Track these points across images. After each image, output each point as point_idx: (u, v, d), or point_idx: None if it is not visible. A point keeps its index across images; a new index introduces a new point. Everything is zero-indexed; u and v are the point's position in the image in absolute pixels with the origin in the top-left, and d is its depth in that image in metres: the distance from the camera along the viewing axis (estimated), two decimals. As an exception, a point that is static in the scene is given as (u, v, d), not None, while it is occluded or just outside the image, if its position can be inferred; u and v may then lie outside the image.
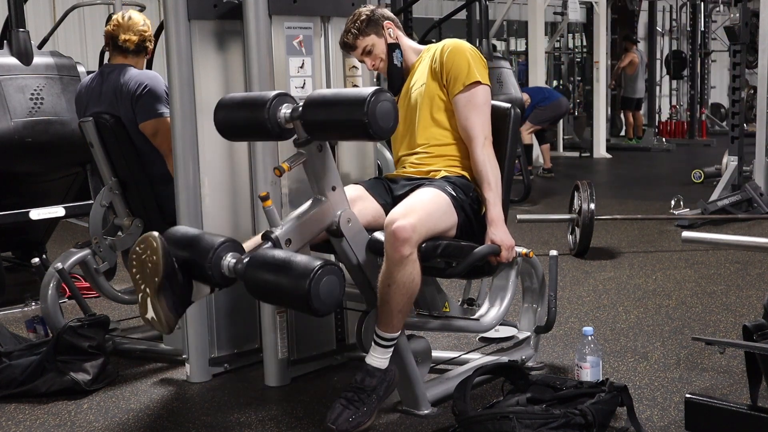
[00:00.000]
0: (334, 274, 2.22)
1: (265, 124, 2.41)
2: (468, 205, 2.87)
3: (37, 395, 3.08)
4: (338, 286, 2.24)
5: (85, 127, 3.57)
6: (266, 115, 2.40)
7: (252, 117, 2.45)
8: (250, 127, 2.51)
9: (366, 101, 2.29)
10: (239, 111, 2.53)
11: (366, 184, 2.98)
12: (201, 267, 2.36)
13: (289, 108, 2.43)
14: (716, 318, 3.93)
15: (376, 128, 2.31)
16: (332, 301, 2.24)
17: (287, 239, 2.46)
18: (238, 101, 2.58)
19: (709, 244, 5.36)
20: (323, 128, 2.44)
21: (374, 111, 2.30)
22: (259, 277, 2.29)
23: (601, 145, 11.76)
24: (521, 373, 2.82)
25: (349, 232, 2.61)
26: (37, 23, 9.67)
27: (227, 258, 2.35)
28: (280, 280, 2.24)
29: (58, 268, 3.50)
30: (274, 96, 2.43)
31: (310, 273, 2.17)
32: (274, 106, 2.41)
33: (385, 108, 2.33)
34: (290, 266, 2.23)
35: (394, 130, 2.43)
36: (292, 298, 2.24)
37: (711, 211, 6.50)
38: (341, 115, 2.38)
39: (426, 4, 13.35)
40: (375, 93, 2.30)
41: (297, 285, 2.18)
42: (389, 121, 2.35)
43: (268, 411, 2.93)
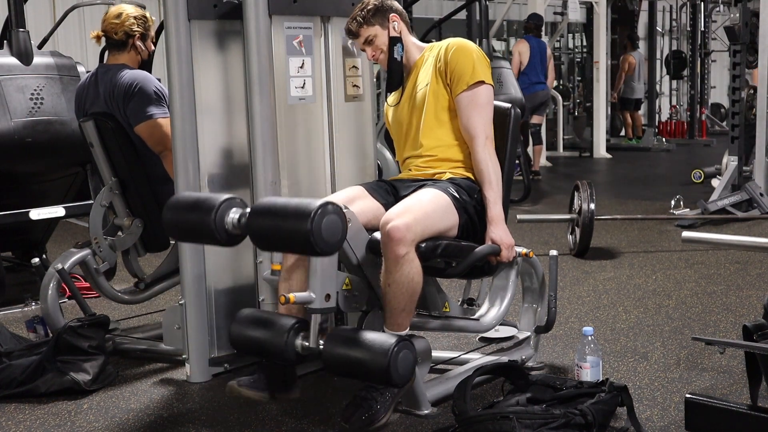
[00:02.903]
0: (407, 349, 2.39)
1: (213, 231, 2.34)
2: (472, 206, 2.87)
3: (37, 395, 3.08)
4: (412, 359, 2.42)
5: (85, 127, 3.58)
6: (213, 221, 2.32)
7: (199, 221, 2.36)
8: (197, 231, 2.42)
9: (311, 214, 2.18)
10: (187, 214, 2.45)
11: (367, 185, 2.98)
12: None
13: (237, 213, 2.35)
14: (716, 318, 3.93)
15: (321, 244, 2.21)
16: (408, 370, 2.41)
17: (326, 296, 2.52)
18: (187, 203, 2.50)
19: (709, 244, 5.37)
20: (268, 239, 2.35)
21: (319, 225, 2.19)
22: (336, 355, 2.45)
23: (601, 145, 11.76)
24: (521, 373, 2.82)
25: (349, 232, 2.61)
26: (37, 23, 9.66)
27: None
28: (359, 357, 2.40)
29: (58, 268, 3.50)
30: (222, 201, 2.34)
31: (387, 350, 2.33)
32: (221, 211, 2.33)
33: (331, 221, 2.22)
34: (365, 344, 2.39)
35: (341, 245, 2.34)
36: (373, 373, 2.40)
37: (711, 211, 6.51)
38: (286, 226, 2.27)
39: (426, 4, 13.34)
40: (321, 206, 2.20)
41: (378, 361, 2.35)
42: (336, 235, 2.25)
43: (268, 411, 2.93)
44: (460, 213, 2.82)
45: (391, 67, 3.04)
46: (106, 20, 3.62)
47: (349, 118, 3.40)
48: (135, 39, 3.58)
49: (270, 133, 3.09)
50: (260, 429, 2.79)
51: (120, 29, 3.56)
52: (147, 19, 3.64)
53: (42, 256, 4.79)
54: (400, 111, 3.05)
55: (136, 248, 3.65)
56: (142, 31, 3.60)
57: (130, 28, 3.57)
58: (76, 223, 6.36)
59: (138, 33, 3.59)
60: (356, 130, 3.43)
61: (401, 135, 3.07)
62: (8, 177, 4.36)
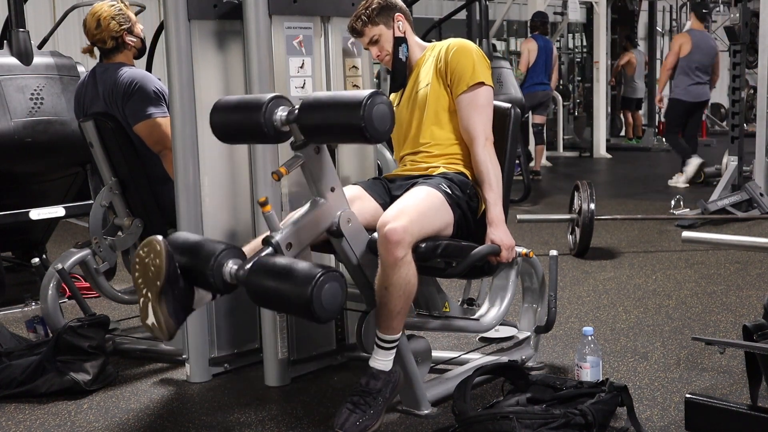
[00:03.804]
0: (336, 281, 2.21)
1: (261, 127, 2.40)
2: (465, 201, 2.87)
3: (37, 395, 3.08)
4: (340, 293, 2.23)
5: (85, 127, 3.58)
6: (262, 118, 2.38)
7: (248, 120, 2.43)
8: (246, 130, 2.49)
9: (362, 104, 2.28)
10: (235, 114, 2.51)
11: (364, 184, 2.98)
12: (203, 273, 2.35)
13: (285, 111, 2.42)
14: (716, 318, 3.93)
15: (372, 131, 2.31)
16: (334, 308, 2.23)
17: (288, 243, 2.45)
18: (234, 104, 2.56)
19: (709, 244, 5.36)
20: (319, 131, 2.43)
21: (370, 114, 2.29)
22: (261, 285, 2.29)
23: (601, 145, 11.76)
24: (521, 373, 2.82)
25: (349, 232, 2.61)
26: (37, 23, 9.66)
27: (229, 264, 2.34)
28: (282, 287, 2.23)
29: (58, 268, 3.50)
30: (270, 98, 2.41)
31: (312, 280, 2.16)
32: (270, 108, 2.40)
33: (381, 111, 2.32)
34: (292, 273, 2.22)
35: (390, 133, 2.42)
36: (295, 305, 2.24)
37: (711, 211, 6.51)
38: (337, 118, 2.37)
39: (426, 4, 13.34)
40: (371, 96, 2.30)
41: (299, 292, 2.18)
42: (385, 124, 2.35)
43: (268, 411, 2.93)
44: (454, 209, 2.82)
45: (396, 67, 3.04)
46: (89, 32, 3.55)
47: (349, 118, 3.40)
48: (124, 37, 3.56)
49: (270, 133, 3.09)
50: (260, 429, 2.79)
51: (107, 37, 3.53)
52: (123, 9, 3.57)
53: (42, 256, 4.80)
54: (400, 111, 3.04)
55: (135, 248, 3.65)
56: (126, 26, 3.56)
57: (115, 31, 3.52)
58: (76, 223, 6.36)
59: (124, 30, 3.55)
60: (356, 130, 3.43)
61: (401, 134, 3.07)
62: (8, 177, 4.36)
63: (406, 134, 3.06)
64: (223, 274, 2.34)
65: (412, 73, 3.07)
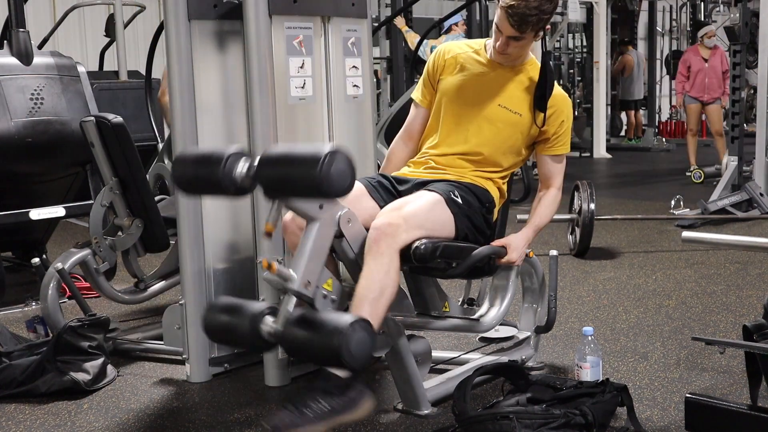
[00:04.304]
0: (364, 330, 2.23)
1: (221, 182, 2.34)
2: (479, 211, 2.83)
3: (37, 395, 3.08)
4: (369, 342, 2.25)
5: (86, 126, 3.58)
6: (222, 172, 2.33)
7: (208, 174, 2.37)
8: (206, 184, 2.43)
9: (320, 161, 2.20)
10: (196, 168, 2.46)
11: (367, 183, 2.88)
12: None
13: (245, 165, 2.35)
14: (716, 318, 3.93)
15: (330, 189, 2.24)
16: (364, 356, 2.24)
17: (305, 283, 2.40)
18: (194, 158, 2.52)
19: (709, 244, 5.37)
20: (278, 187, 2.36)
21: (329, 172, 2.21)
22: (293, 341, 2.32)
23: (601, 145, 11.77)
24: (521, 373, 2.82)
25: (349, 232, 2.60)
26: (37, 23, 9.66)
27: (266, 323, 2.33)
28: (313, 342, 2.26)
29: (58, 268, 3.50)
30: (230, 154, 2.35)
31: (339, 332, 2.19)
32: (229, 163, 2.33)
33: (340, 168, 2.24)
34: (319, 327, 2.26)
35: (350, 190, 2.32)
36: (326, 358, 2.27)
37: (711, 211, 6.51)
38: (295, 174, 2.29)
39: (426, 4, 13.34)
40: (330, 153, 2.22)
41: (328, 344, 2.21)
42: (345, 181, 2.26)
43: (268, 411, 2.93)
44: (459, 218, 2.77)
45: None
46: None
47: (349, 118, 3.40)
48: None
49: (270, 133, 3.09)
50: (260, 429, 2.79)
51: None
52: None
53: (42, 256, 4.79)
54: (463, 100, 2.94)
55: (136, 248, 3.65)
56: None
57: None
58: (76, 223, 6.36)
59: None
60: (356, 130, 3.43)
61: (441, 129, 2.96)
62: (8, 177, 4.36)
63: (448, 133, 2.95)
64: (261, 332, 2.34)
65: (498, 74, 2.93)
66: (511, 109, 2.90)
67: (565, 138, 2.98)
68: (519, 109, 2.90)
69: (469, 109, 2.92)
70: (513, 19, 2.76)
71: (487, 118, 2.90)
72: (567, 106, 2.96)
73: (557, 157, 3.00)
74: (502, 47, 2.84)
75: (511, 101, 2.90)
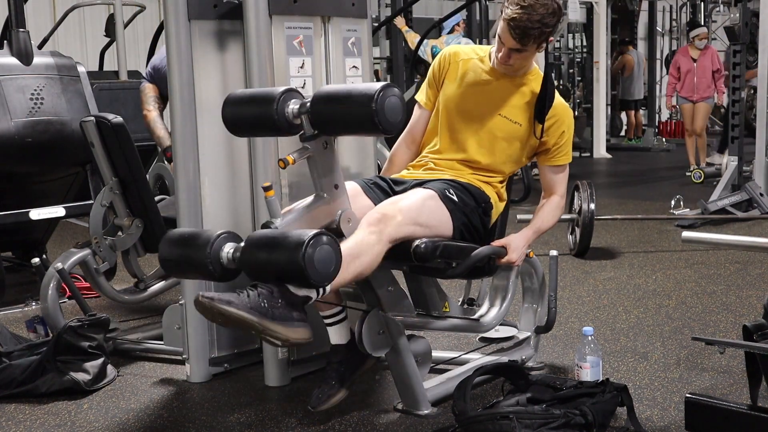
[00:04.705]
0: (328, 245, 2.21)
1: (273, 119, 2.41)
2: (477, 212, 2.84)
3: (37, 395, 3.08)
4: (333, 255, 2.22)
5: (86, 126, 3.58)
6: (275, 110, 2.40)
7: (260, 112, 2.44)
8: (258, 123, 2.50)
9: (374, 96, 2.30)
10: (247, 107, 2.53)
11: (363, 184, 2.89)
12: (201, 262, 2.34)
13: (297, 103, 2.43)
14: (716, 318, 3.93)
15: (384, 123, 2.33)
16: (328, 271, 2.21)
17: None
18: (247, 97, 2.58)
19: (709, 244, 5.37)
20: (331, 123, 2.44)
21: (383, 106, 2.31)
22: (253, 258, 2.28)
23: (601, 145, 11.77)
24: (521, 373, 2.82)
25: (349, 232, 2.61)
26: (37, 23, 9.67)
27: (225, 249, 2.34)
28: (274, 257, 2.23)
29: (58, 268, 3.50)
30: (283, 91, 2.43)
31: (302, 245, 2.16)
32: (282, 101, 2.41)
33: (393, 103, 2.34)
34: (283, 241, 2.22)
35: (402, 124, 2.42)
36: (288, 273, 2.22)
37: (711, 211, 6.51)
38: (349, 110, 2.38)
39: (426, 4, 13.35)
40: (383, 88, 2.32)
41: (291, 258, 2.17)
42: (397, 116, 2.36)
43: (268, 411, 2.93)
44: (455, 215, 2.78)
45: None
46: None
47: (349, 118, 3.39)
48: None
49: (270, 133, 3.09)
50: (260, 429, 2.79)
51: None
52: None
53: (42, 256, 4.79)
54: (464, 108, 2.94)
55: (135, 248, 3.66)
56: None
57: None
58: (76, 223, 6.36)
59: None
60: (356, 130, 3.43)
61: (444, 131, 2.96)
62: (8, 177, 4.36)
63: (450, 140, 2.95)
64: (221, 258, 2.32)
65: (500, 83, 2.93)
66: (512, 119, 2.90)
67: (566, 148, 2.99)
68: (519, 119, 2.91)
69: (469, 118, 2.93)
70: (515, 32, 2.75)
71: (486, 127, 2.91)
72: (568, 116, 2.97)
73: (559, 168, 3.01)
74: (504, 58, 2.84)
75: (512, 111, 2.91)
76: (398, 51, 9.20)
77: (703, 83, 8.82)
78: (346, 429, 2.76)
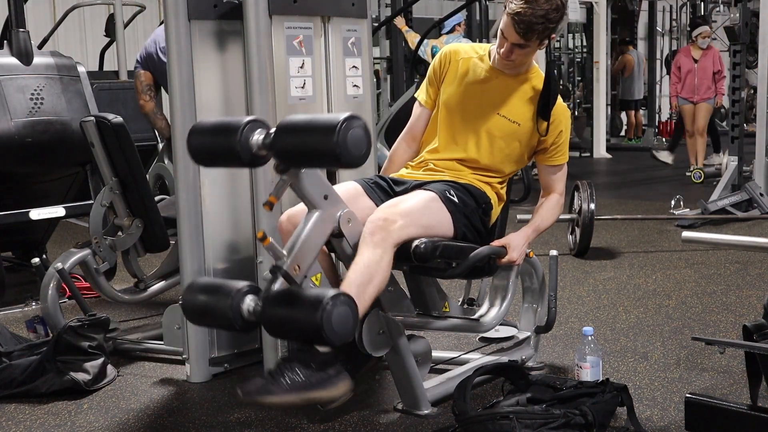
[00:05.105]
0: (345, 305, 2.21)
1: (237, 151, 2.33)
2: (477, 212, 2.84)
3: (37, 395, 3.08)
4: (351, 317, 2.22)
5: (86, 126, 3.58)
6: (238, 141, 2.32)
7: (223, 143, 2.37)
8: (221, 154, 2.43)
9: (337, 128, 2.21)
10: (211, 137, 2.45)
11: (364, 183, 2.90)
12: (222, 311, 2.31)
13: (261, 134, 2.35)
14: (716, 318, 3.93)
15: (346, 156, 2.23)
16: (345, 332, 2.21)
17: (295, 267, 2.40)
18: (211, 127, 2.50)
19: (709, 244, 5.37)
20: (294, 156, 2.36)
21: (345, 138, 2.21)
22: (273, 316, 2.29)
23: (601, 145, 11.77)
24: (521, 373, 2.82)
25: (349, 232, 2.60)
26: (37, 23, 9.67)
27: (246, 301, 2.31)
28: (293, 316, 2.23)
29: (58, 268, 3.50)
30: (247, 122, 2.35)
31: (320, 305, 2.16)
32: (246, 131, 2.33)
33: (356, 135, 2.24)
34: (301, 301, 2.23)
35: (366, 158, 2.32)
36: (306, 332, 2.23)
37: (711, 211, 6.51)
38: (311, 142, 2.29)
39: (426, 4, 13.35)
40: (347, 119, 2.22)
41: (309, 318, 2.18)
42: (361, 148, 2.26)
43: (268, 411, 2.93)
44: (456, 216, 2.78)
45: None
46: None
47: (349, 118, 3.39)
48: None
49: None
50: (260, 429, 2.79)
51: None
52: None
53: (42, 256, 4.79)
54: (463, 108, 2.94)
55: (135, 248, 3.65)
56: None
57: None
58: (76, 223, 6.36)
59: None
60: (356, 130, 3.43)
61: (437, 134, 2.97)
62: (8, 177, 4.36)
63: (449, 139, 2.95)
64: (242, 311, 2.32)
65: (499, 81, 2.92)
66: (511, 118, 2.90)
67: (563, 148, 3.00)
68: (518, 118, 2.91)
69: (468, 117, 2.93)
70: (519, 27, 2.75)
71: (485, 126, 2.91)
72: (566, 117, 2.97)
73: (557, 167, 3.02)
74: (507, 54, 2.83)
75: (511, 110, 2.91)
76: (398, 51, 9.21)
77: (704, 84, 8.78)
78: (346, 429, 2.76)
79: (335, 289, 2.29)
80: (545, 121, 2.90)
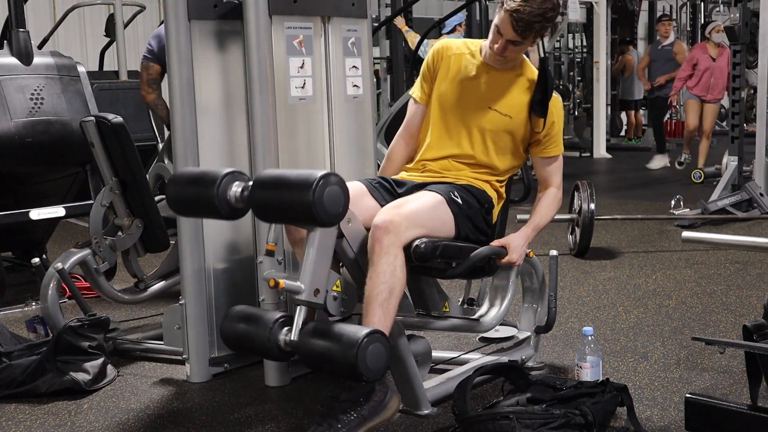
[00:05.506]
0: (378, 342, 2.26)
1: (214, 204, 2.34)
2: (480, 214, 2.84)
3: (37, 395, 3.08)
4: (384, 353, 2.29)
5: (86, 126, 3.58)
6: (215, 194, 2.33)
7: (202, 195, 2.37)
8: (199, 205, 2.44)
9: (313, 185, 2.20)
10: (190, 187, 2.46)
11: (368, 183, 2.90)
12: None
13: (239, 186, 2.36)
14: (716, 318, 3.93)
15: (322, 215, 2.23)
16: (380, 368, 2.28)
17: (314, 291, 2.40)
18: (190, 177, 2.52)
19: (709, 244, 5.37)
20: (271, 211, 2.37)
21: (321, 196, 2.21)
22: (309, 350, 2.36)
23: (601, 145, 11.77)
24: (521, 373, 2.82)
25: (349, 232, 2.60)
26: (37, 23, 9.67)
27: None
28: (329, 352, 2.30)
29: (58, 268, 3.50)
30: (225, 174, 2.35)
31: (356, 343, 2.23)
32: (224, 184, 2.34)
33: (333, 193, 2.24)
34: (337, 338, 2.29)
35: (343, 215, 2.34)
36: (341, 368, 2.31)
37: (711, 211, 6.51)
38: (287, 198, 2.29)
39: (426, 4, 13.34)
40: (323, 177, 2.22)
41: (345, 355, 2.25)
42: (338, 206, 2.27)
43: (268, 411, 2.93)
44: (460, 219, 2.78)
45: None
46: None
47: (349, 118, 3.40)
48: None
49: (270, 133, 3.09)
50: (260, 429, 2.79)
51: None
52: None
53: (42, 256, 4.79)
54: (454, 103, 2.94)
55: (136, 248, 3.65)
56: None
57: None
58: (76, 223, 6.36)
59: None
60: (356, 130, 3.43)
61: (431, 133, 2.96)
62: (8, 177, 4.36)
63: (442, 135, 2.95)
64: (279, 342, 2.41)
65: (491, 76, 2.92)
66: (502, 111, 2.90)
67: (557, 139, 2.99)
68: (510, 111, 2.90)
69: (460, 113, 2.94)
70: (518, 24, 2.76)
71: (477, 121, 2.91)
72: (557, 107, 2.96)
73: (552, 159, 3.01)
74: (501, 50, 2.84)
75: (502, 104, 2.91)
76: (398, 51, 9.21)
77: (719, 84, 8.75)
78: (346, 429, 2.76)
79: (365, 327, 2.35)
80: (542, 118, 2.90)
